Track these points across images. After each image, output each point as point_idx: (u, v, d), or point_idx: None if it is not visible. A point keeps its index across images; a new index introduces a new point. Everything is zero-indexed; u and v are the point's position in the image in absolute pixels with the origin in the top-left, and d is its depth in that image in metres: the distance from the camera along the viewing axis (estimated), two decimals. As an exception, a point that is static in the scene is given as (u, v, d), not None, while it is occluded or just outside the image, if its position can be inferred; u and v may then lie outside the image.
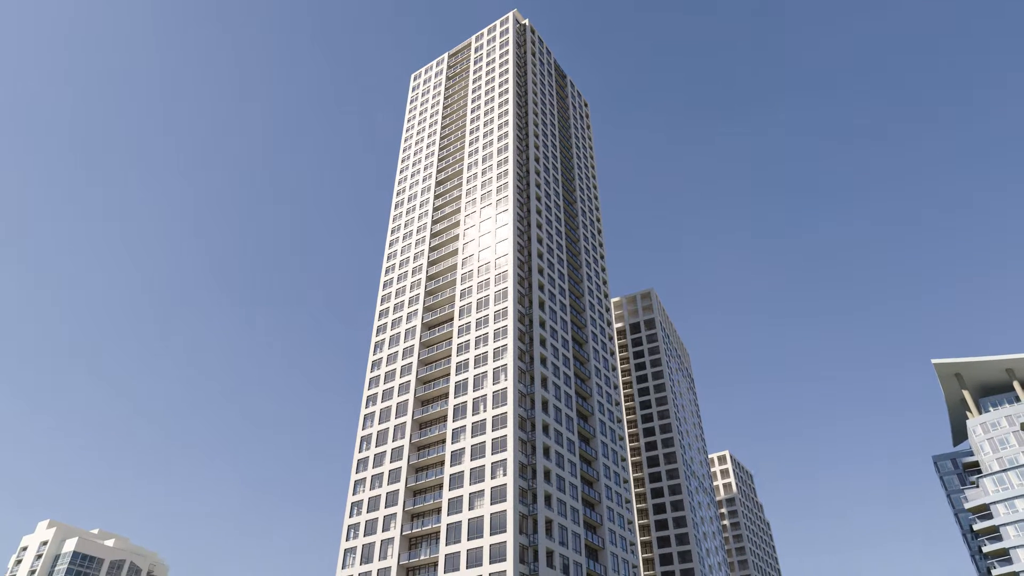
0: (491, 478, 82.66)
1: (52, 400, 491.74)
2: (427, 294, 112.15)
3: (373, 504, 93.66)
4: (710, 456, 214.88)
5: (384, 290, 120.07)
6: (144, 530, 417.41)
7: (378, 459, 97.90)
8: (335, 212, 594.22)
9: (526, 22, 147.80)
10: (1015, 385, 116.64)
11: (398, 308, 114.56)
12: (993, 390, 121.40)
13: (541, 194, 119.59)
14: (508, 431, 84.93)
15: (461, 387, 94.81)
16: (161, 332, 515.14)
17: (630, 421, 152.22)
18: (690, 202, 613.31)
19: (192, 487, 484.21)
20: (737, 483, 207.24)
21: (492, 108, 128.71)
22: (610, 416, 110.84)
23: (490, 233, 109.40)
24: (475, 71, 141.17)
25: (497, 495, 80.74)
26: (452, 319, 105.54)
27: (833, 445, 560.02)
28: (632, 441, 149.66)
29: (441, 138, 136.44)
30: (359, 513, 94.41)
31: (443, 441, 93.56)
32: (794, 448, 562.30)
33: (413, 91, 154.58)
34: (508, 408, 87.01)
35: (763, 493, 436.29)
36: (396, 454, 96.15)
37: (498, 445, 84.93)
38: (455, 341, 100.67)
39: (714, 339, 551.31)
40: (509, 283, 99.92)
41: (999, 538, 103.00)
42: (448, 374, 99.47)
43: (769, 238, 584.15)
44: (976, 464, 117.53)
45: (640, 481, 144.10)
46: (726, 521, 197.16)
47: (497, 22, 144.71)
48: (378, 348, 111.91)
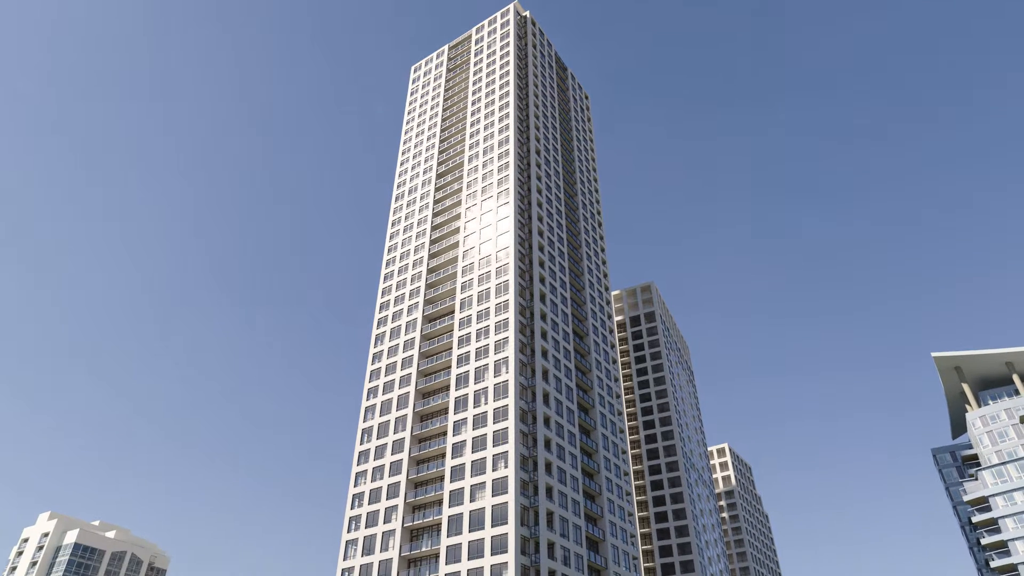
0: (492, 470, 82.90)
1: (52, 397, 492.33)
2: (428, 287, 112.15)
3: (374, 496, 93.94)
4: (709, 449, 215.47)
5: (385, 283, 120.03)
6: (145, 522, 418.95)
7: (379, 451, 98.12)
8: (335, 209, 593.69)
9: (527, 14, 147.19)
10: (1015, 378, 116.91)
11: (399, 301, 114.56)
12: (993, 383, 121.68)
13: (542, 187, 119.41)
14: (509, 423, 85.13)
15: (462, 379, 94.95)
16: (161, 330, 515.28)
17: (630, 414, 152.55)
18: (690, 197, 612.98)
19: (193, 480, 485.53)
20: (736, 476, 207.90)
21: (493, 100, 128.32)
22: (611, 409, 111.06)
23: (491, 226, 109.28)
24: (476, 63, 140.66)
25: (498, 487, 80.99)
26: (453, 312, 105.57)
27: (832, 438, 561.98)
28: (632, 434, 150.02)
29: (442, 131, 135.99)
30: (360, 505, 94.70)
31: (444, 433, 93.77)
32: (793, 441, 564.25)
33: (413, 83, 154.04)
34: (509, 401, 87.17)
35: (762, 485, 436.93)
36: (397, 446, 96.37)
37: (499, 437, 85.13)
38: (456, 334, 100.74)
39: (713, 332, 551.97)
40: (510, 276, 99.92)
41: (997, 530, 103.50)
42: (449, 367, 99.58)
43: (768, 234, 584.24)
44: (975, 457, 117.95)
45: (640, 473, 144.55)
46: (725, 513, 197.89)
47: (498, 14, 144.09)
48: (379, 341, 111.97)
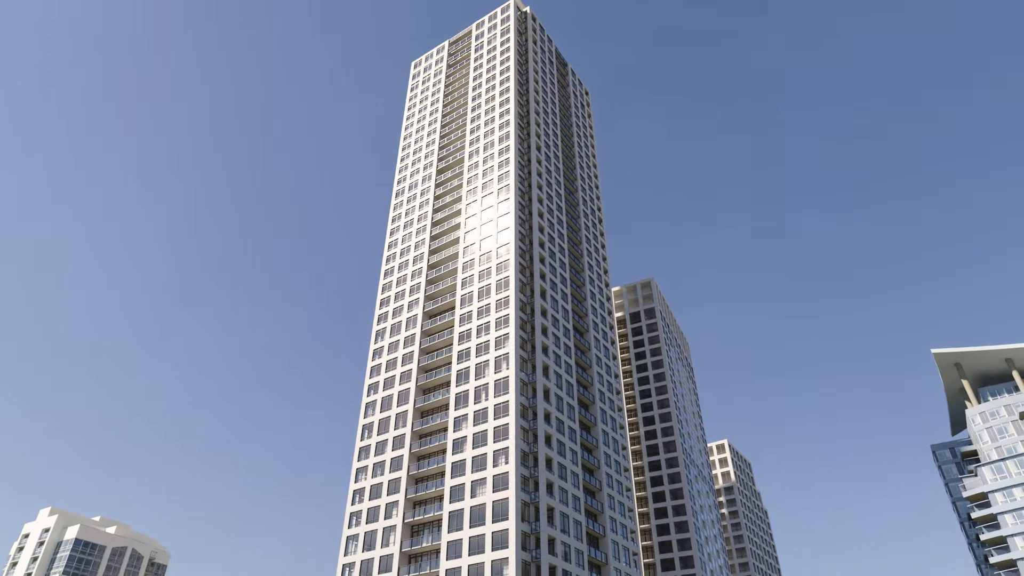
0: (493, 466, 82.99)
1: (52, 395, 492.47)
2: (428, 283, 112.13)
3: (375, 492, 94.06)
4: (709, 445, 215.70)
5: (385, 279, 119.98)
6: (145, 519, 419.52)
7: (380, 447, 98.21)
8: (334, 206, 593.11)
9: (527, 10, 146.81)
10: (1014, 375, 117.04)
11: (399, 297, 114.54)
12: (992, 380, 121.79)
13: (542, 183, 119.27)
14: (510, 419, 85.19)
15: (463, 375, 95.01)
16: (161, 328, 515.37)
17: (630, 410, 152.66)
18: (690, 195, 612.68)
19: (193, 477, 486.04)
20: (736, 472, 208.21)
21: (493, 96, 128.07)
22: (611, 405, 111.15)
23: (491, 222, 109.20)
24: (476, 59, 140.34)
25: (499, 483, 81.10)
26: (453, 308, 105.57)
27: (831, 434, 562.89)
28: (632, 430, 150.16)
29: (442, 127, 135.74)
30: (361, 501, 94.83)
31: (445, 429, 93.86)
32: (792, 437, 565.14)
33: (413, 79, 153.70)
34: (510, 397, 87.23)
35: (761, 482, 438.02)
36: (398, 442, 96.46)
37: (500, 433, 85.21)
38: (457, 330, 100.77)
39: (713, 329, 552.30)
40: (510, 272, 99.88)
41: (997, 526, 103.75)
42: (450, 363, 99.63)
43: (768, 232, 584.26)
44: (974, 453, 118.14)
45: (640, 470, 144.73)
46: (724, 510, 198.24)
47: (498, 9, 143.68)
48: (379, 337, 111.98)
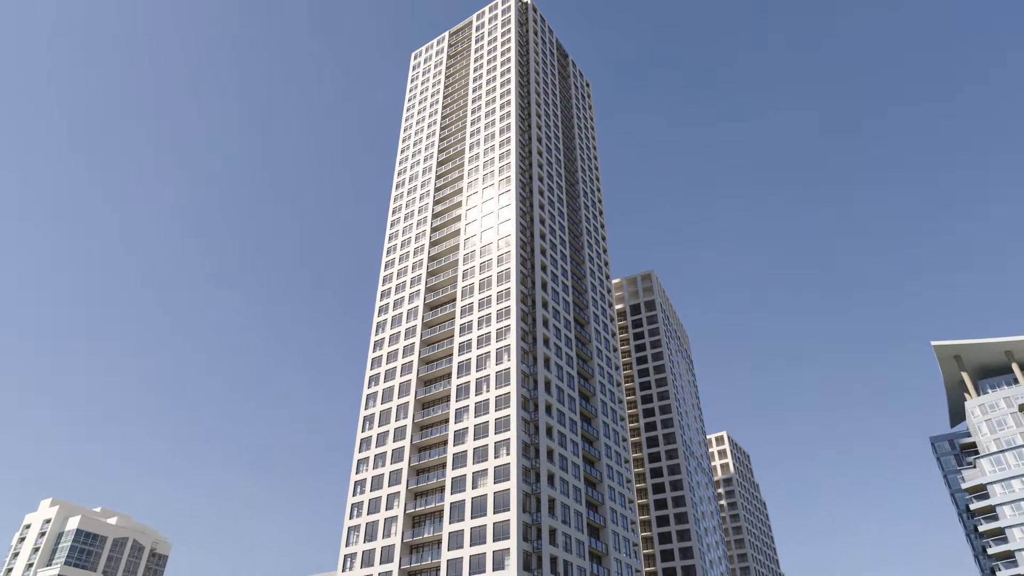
0: (494, 457, 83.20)
1: (53, 386, 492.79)
2: (429, 275, 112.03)
3: (377, 483, 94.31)
4: (708, 437, 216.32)
5: (385, 271, 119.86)
6: (146, 509, 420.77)
7: (381, 438, 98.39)
8: (334, 199, 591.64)
9: (528, 0, 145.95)
10: (1014, 367, 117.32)
11: (400, 289, 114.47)
12: (992, 372, 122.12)
13: (543, 175, 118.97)
14: (511, 411, 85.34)
15: (464, 367, 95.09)
16: (161, 320, 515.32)
17: (630, 402, 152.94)
18: (690, 184, 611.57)
19: (193, 468, 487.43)
20: (734, 464, 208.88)
21: (494, 87, 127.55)
22: (611, 396, 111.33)
23: (492, 214, 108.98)
24: (476, 49, 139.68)
25: (500, 474, 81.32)
26: (454, 300, 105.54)
27: (830, 426, 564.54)
28: (632, 422, 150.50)
29: (442, 118, 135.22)
30: (362, 492, 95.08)
31: (446, 421, 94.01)
32: (791, 429, 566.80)
33: (414, 70, 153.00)
34: (511, 388, 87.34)
35: (760, 473, 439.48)
36: (399, 433, 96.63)
37: (501, 425, 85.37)
38: (458, 322, 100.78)
39: (712, 321, 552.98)
40: (511, 263, 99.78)
41: (995, 517, 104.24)
42: (451, 354, 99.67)
43: (768, 223, 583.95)
44: (973, 445, 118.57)
45: (640, 461, 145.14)
46: (723, 501, 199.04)
47: (499, 0, 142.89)
48: (380, 329, 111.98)
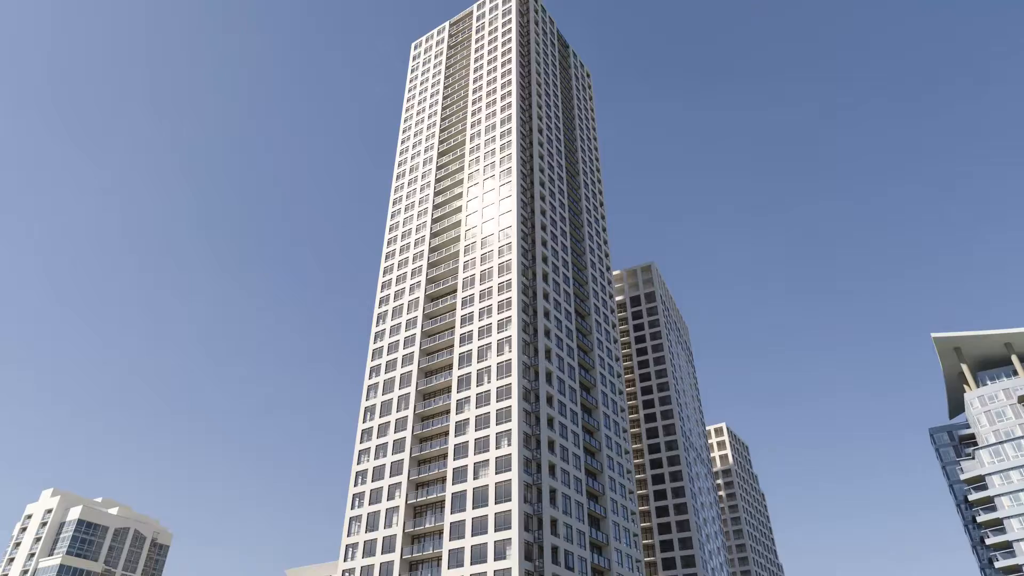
0: (496, 448, 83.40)
1: (53, 379, 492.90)
2: (430, 266, 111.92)
3: (378, 473, 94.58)
4: (707, 428, 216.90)
5: (386, 262, 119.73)
6: (147, 500, 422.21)
7: (383, 429, 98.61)
8: (334, 190, 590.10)
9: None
10: (1013, 359, 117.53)
11: (400, 280, 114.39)
12: (991, 364, 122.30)
13: (544, 166, 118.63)
14: (512, 402, 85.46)
15: (465, 358, 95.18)
16: (161, 312, 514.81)
17: (630, 393, 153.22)
18: (690, 174, 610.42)
19: (193, 459, 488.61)
20: (733, 455, 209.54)
21: (495, 78, 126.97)
22: (612, 388, 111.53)
23: (493, 205, 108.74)
24: (477, 40, 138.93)
25: (502, 465, 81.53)
26: (455, 291, 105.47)
27: (829, 417, 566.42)
28: (632, 413, 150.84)
29: (443, 109, 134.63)
30: (364, 482, 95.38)
31: (448, 411, 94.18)
32: (790, 420, 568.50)
33: (414, 60, 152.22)
34: (512, 379, 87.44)
35: (759, 465, 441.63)
36: (400, 424, 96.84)
37: (502, 415, 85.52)
38: (459, 313, 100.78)
39: (711, 312, 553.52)
40: (512, 255, 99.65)
41: (993, 508, 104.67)
42: (452, 345, 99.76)
43: (768, 213, 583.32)
44: (972, 437, 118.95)
45: (639, 452, 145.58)
46: (722, 492, 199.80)
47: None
48: (381, 320, 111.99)
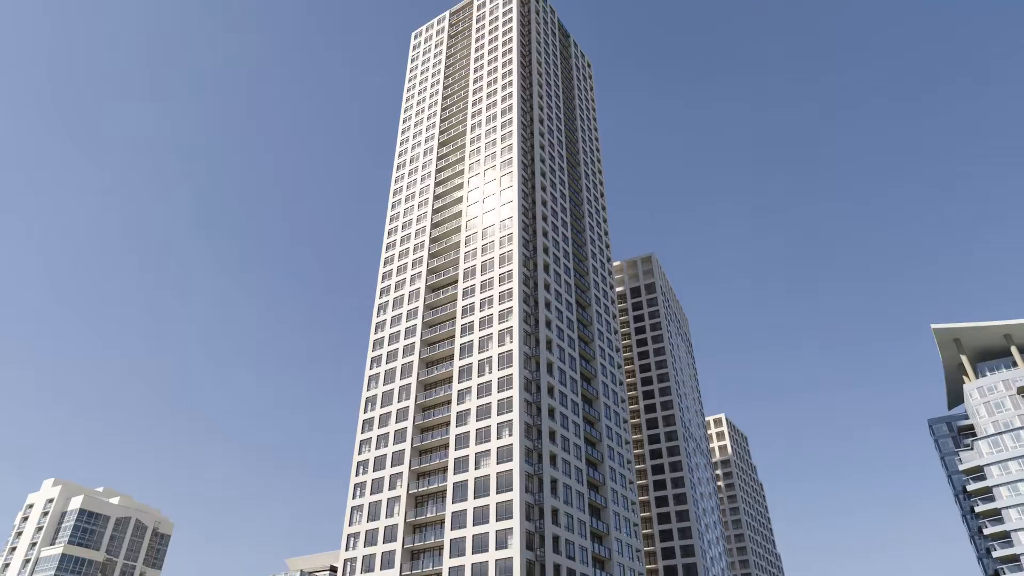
0: (497, 438, 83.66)
1: (54, 370, 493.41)
2: (431, 257, 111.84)
3: (379, 464, 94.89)
4: (707, 419, 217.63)
5: (387, 253, 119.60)
6: (148, 490, 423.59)
7: (384, 419, 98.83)
8: (333, 182, 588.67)
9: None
10: (1013, 350, 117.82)
11: (401, 271, 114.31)
12: (990, 355, 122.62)
13: (545, 156, 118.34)
14: (513, 392, 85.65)
15: (466, 349, 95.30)
16: (161, 304, 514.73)
17: (630, 384, 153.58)
18: (691, 167, 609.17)
19: (195, 450, 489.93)
20: (732, 446, 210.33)
21: (496, 68, 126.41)
22: (612, 379, 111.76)
23: (494, 195, 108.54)
24: (478, 29, 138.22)
25: (503, 454, 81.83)
26: (456, 282, 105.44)
27: (828, 408, 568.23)
28: (632, 403, 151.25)
29: (443, 99, 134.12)
30: (365, 473, 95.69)
31: (449, 402, 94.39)
32: (789, 411, 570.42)
33: (414, 50, 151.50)
34: (513, 370, 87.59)
35: (757, 455, 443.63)
36: (401, 415, 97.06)
37: (503, 406, 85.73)
38: (460, 304, 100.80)
39: (711, 303, 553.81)
40: (513, 246, 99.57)
41: (992, 498, 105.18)
42: (453, 336, 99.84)
43: (768, 207, 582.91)
44: (971, 427, 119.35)
45: (639, 442, 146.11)
46: (721, 482, 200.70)
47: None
48: (382, 311, 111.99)
